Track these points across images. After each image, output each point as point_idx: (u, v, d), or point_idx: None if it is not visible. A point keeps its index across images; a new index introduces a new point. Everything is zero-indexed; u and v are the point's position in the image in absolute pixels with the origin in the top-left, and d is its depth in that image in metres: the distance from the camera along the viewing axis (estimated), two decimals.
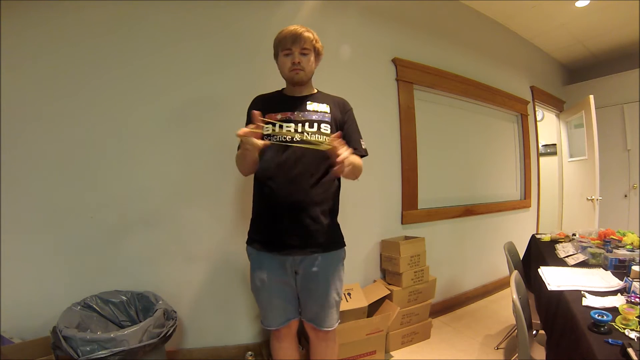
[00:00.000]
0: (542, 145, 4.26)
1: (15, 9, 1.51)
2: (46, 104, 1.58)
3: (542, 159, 3.86)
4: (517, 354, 1.88)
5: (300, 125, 1.22)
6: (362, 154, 1.32)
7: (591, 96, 3.15)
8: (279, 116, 1.23)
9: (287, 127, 1.21)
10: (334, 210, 1.31)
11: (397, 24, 2.46)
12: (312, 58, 1.27)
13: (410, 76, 2.49)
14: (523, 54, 3.58)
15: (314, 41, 1.26)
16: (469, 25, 2.97)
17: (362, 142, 1.34)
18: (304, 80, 1.28)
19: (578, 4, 2.88)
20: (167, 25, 1.77)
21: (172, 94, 1.78)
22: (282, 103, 1.28)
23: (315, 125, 1.24)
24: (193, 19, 1.81)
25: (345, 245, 1.34)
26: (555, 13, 3.03)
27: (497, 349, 2.07)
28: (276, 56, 1.30)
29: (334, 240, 1.30)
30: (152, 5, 1.73)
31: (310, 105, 1.28)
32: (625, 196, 3.74)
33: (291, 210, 1.20)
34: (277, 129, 1.20)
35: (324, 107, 1.29)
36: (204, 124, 1.83)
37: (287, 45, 1.23)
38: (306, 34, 1.22)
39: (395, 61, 2.42)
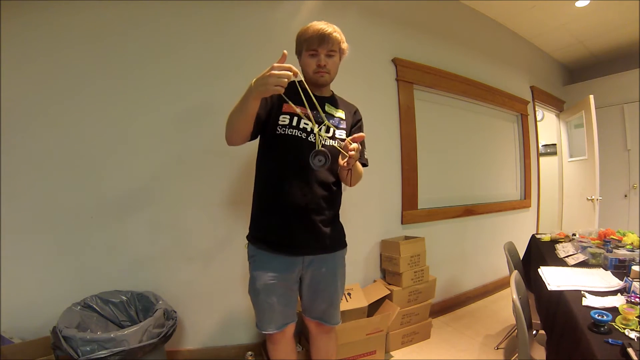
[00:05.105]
0: (542, 145, 4.26)
1: (15, 9, 1.51)
2: (46, 104, 1.58)
3: (542, 159, 3.86)
4: (517, 354, 1.88)
5: (316, 127, 1.19)
6: (364, 163, 1.33)
7: (591, 96, 3.15)
8: (298, 110, 1.16)
9: (304, 123, 1.20)
10: (338, 214, 1.35)
11: (397, 24, 2.46)
12: (338, 59, 1.23)
13: (410, 76, 2.49)
14: (523, 54, 3.58)
15: (341, 42, 1.21)
16: (469, 25, 2.97)
17: (366, 153, 1.34)
18: (328, 83, 1.27)
19: (578, 4, 2.88)
20: (165, 27, 1.77)
21: (172, 97, 1.78)
22: (302, 98, 1.20)
23: (331, 130, 1.22)
24: (191, 20, 1.81)
25: (346, 245, 1.37)
26: (555, 13, 3.03)
27: (497, 349, 2.07)
28: (299, 53, 1.24)
29: (341, 241, 1.34)
30: (150, 6, 1.73)
31: (328, 109, 1.26)
32: (625, 196, 3.74)
33: (303, 213, 1.19)
34: (294, 122, 1.19)
35: (340, 114, 1.29)
36: (203, 126, 1.83)
37: (313, 46, 1.17)
38: (334, 34, 1.17)
39: (395, 61, 2.42)
